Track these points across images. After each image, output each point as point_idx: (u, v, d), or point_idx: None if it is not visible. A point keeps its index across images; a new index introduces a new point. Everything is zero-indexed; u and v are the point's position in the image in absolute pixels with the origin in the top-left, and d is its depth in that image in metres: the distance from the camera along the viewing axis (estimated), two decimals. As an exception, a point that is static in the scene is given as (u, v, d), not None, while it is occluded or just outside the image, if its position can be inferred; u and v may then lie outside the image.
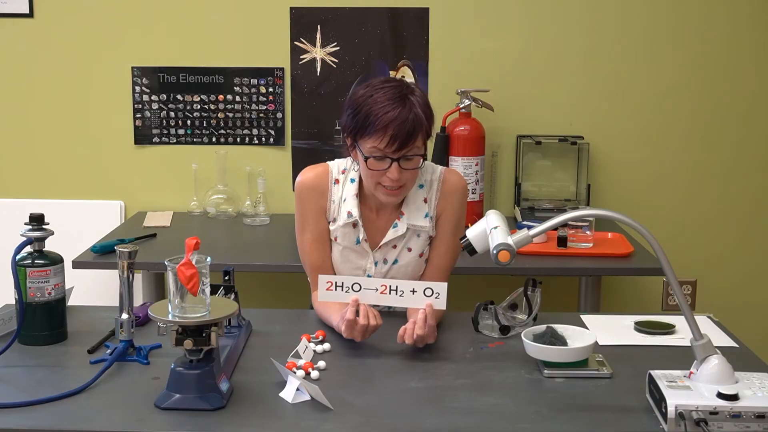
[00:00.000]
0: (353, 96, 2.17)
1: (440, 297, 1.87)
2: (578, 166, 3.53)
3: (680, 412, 1.52)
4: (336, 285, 1.88)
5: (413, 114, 2.09)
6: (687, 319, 1.63)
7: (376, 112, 2.08)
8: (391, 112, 2.07)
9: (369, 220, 2.26)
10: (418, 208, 2.24)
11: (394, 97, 2.10)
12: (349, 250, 2.25)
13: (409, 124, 2.08)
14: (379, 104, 2.09)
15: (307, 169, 2.29)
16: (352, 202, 2.23)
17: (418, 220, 2.24)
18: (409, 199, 2.24)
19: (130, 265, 1.84)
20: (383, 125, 2.07)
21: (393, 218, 2.25)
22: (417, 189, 2.25)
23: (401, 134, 2.07)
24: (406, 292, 1.87)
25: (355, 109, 2.12)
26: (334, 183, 2.26)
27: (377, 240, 2.26)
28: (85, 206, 3.63)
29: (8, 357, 1.87)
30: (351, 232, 2.24)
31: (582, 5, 3.50)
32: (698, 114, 3.56)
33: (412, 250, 2.27)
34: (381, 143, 2.08)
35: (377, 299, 1.87)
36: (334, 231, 2.25)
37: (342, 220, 2.23)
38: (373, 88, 2.13)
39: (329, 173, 2.27)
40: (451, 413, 1.65)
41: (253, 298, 2.81)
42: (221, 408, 1.64)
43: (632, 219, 1.68)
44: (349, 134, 2.17)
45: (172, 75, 3.57)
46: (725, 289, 3.61)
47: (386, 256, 2.26)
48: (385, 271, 2.27)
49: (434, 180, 2.27)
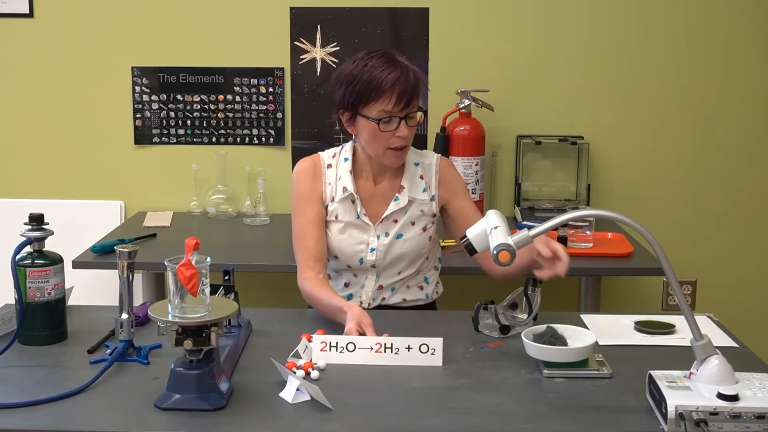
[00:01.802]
0: (343, 72, 2.27)
1: (436, 353, 1.88)
2: (578, 166, 3.53)
3: (680, 413, 1.52)
4: (330, 345, 1.88)
5: (412, 71, 2.24)
6: (687, 319, 1.63)
7: (378, 75, 2.20)
8: (393, 72, 2.20)
9: (368, 195, 2.36)
10: (416, 184, 2.36)
11: (388, 61, 2.23)
12: (351, 225, 2.34)
13: (411, 81, 2.22)
14: (378, 69, 2.21)
15: (302, 160, 2.43)
16: (347, 178, 2.34)
17: (417, 193, 2.36)
18: (407, 174, 2.36)
19: (130, 265, 1.84)
20: (389, 86, 2.19)
21: (393, 193, 2.35)
22: (413, 167, 2.38)
23: (407, 92, 2.20)
24: (402, 349, 1.88)
25: (352, 81, 2.23)
26: (327, 167, 2.38)
27: (379, 214, 2.35)
28: (85, 206, 3.63)
29: (8, 357, 1.87)
30: (350, 207, 2.34)
31: (582, 5, 3.50)
32: (698, 114, 3.56)
33: (415, 224, 2.35)
34: (389, 104, 2.20)
35: (372, 358, 1.88)
36: (334, 210, 2.34)
37: (339, 196, 2.33)
38: (363, 60, 2.25)
39: (321, 159, 2.40)
40: (451, 413, 1.65)
41: (253, 298, 2.81)
42: (221, 408, 1.64)
43: (632, 219, 1.68)
44: (347, 108, 2.26)
45: (172, 75, 3.57)
46: (725, 289, 3.61)
47: (388, 229, 2.35)
48: (388, 244, 2.33)
49: (432, 164, 2.39)
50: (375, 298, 2.38)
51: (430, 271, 2.45)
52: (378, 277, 2.37)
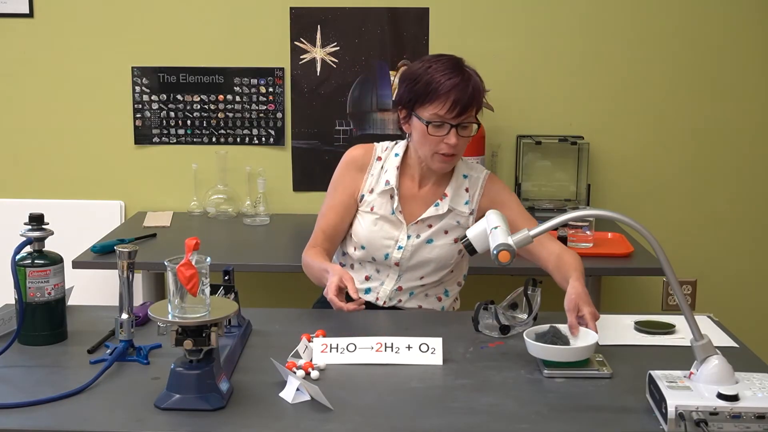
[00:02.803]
0: (409, 70, 2.31)
1: (436, 352, 1.88)
2: (578, 166, 3.53)
3: (680, 413, 1.52)
4: (331, 347, 1.89)
5: (473, 82, 2.25)
6: (687, 319, 1.63)
7: (438, 79, 2.22)
8: (453, 79, 2.22)
9: (409, 194, 2.37)
10: (460, 195, 2.37)
11: (452, 66, 2.25)
12: (385, 220, 2.35)
13: (470, 90, 2.23)
14: (440, 72, 2.23)
15: (357, 146, 2.46)
16: (392, 173, 2.36)
17: (458, 205, 2.36)
18: (452, 183, 2.37)
19: (130, 265, 1.84)
20: (445, 91, 2.20)
21: (434, 198, 2.36)
22: (461, 178, 2.38)
23: (462, 100, 2.21)
24: (402, 348, 1.88)
25: (414, 80, 2.25)
26: (377, 160, 2.40)
27: (415, 215, 2.35)
28: (85, 206, 3.63)
29: (8, 357, 1.87)
30: (388, 202, 2.35)
31: (582, 5, 3.50)
32: (698, 114, 3.56)
33: (449, 233, 2.36)
34: (442, 109, 2.21)
35: (372, 357, 1.88)
36: (371, 201, 2.36)
37: (380, 188, 2.34)
38: (429, 61, 2.27)
39: (374, 150, 2.42)
40: (451, 413, 1.64)
41: (253, 298, 2.82)
42: (221, 408, 1.64)
43: (632, 219, 1.68)
44: (405, 106, 2.29)
45: (172, 75, 3.57)
46: (725, 289, 3.61)
47: (420, 232, 2.35)
48: (416, 246, 2.33)
49: (479, 178, 2.40)
50: (392, 298, 2.37)
51: (452, 285, 2.45)
52: (399, 278, 2.37)
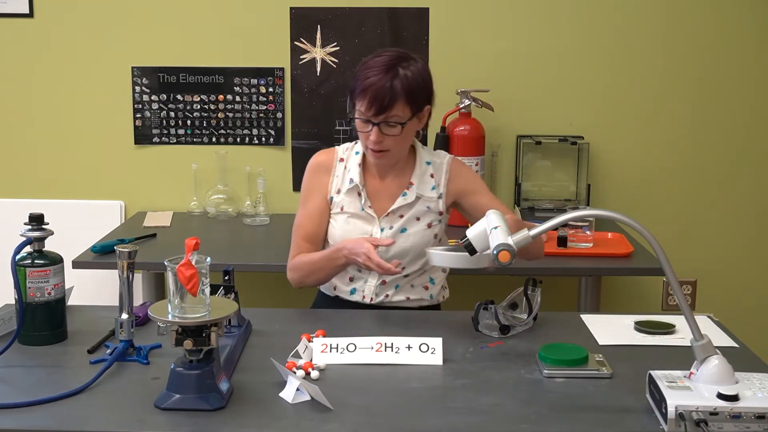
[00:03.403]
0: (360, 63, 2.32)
1: (436, 352, 1.88)
2: (578, 166, 3.53)
3: (680, 413, 1.52)
4: (331, 347, 1.89)
5: (391, 84, 2.20)
6: (687, 319, 1.63)
7: (362, 76, 2.24)
8: (372, 77, 2.21)
9: (375, 189, 2.39)
10: (425, 182, 2.38)
11: (384, 64, 2.23)
12: (356, 217, 2.37)
13: (385, 92, 2.20)
14: (368, 69, 2.24)
15: (319, 152, 2.48)
16: (355, 171, 2.38)
17: (425, 191, 2.37)
18: (417, 171, 2.38)
19: (130, 265, 1.84)
20: (363, 90, 2.22)
21: (400, 189, 2.38)
22: (425, 165, 2.39)
23: (377, 100, 2.20)
24: (402, 348, 1.89)
25: (356, 73, 2.29)
26: (339, 161, 2.42)
27: (385, 208, 2.37)
28: (85, 206, 3.63)
29: (8, 357, 1.87)
30: (356, 199, 2.38)
31: (582, 5, 3.50)
32: (699, 114, 3.56)
33: (420, 220, 2.38)
34: (362, 106, 2.24)
35: (372, 357, 1.88)
36: (340, 201, 2.38)
37: (345, 187, 2.37)
38: (374, 55, 2.28)
39: (336, 153, 2.45)
40: (451, 413, 1.65)
41: (253, 298, 2.82)
42: (221, 408, 1.64)
43: (632, 219, 1.68)
44: (350, 97, 2.32)
45: (172, 75, 3.57)
46: (725, 289, 3.61)
47: (393, 223, 2.37)
48: (391, 237, 2.34)
49: (443, 163, 2.41)
50: (378, 294, 2.38)
51: (437, 273, 2.45)
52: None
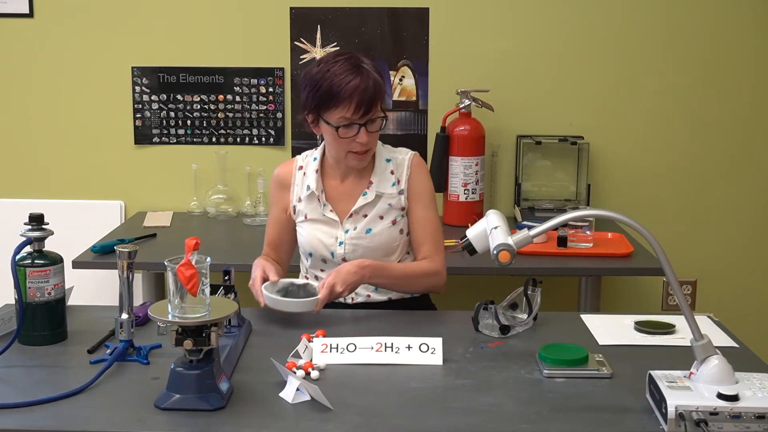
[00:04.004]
0: (308, 74, 2.30)
1: (436, 352, 1.89)
2: (578, 166, 3.53)
3: (680, 413, 1.52)
4: (331, 347, 1.89)
5: (372, 80, 2.25)
6: (687, 319, 1.63)
7: (338, 83, 2.23)
8: (353, 81, 2.22)
9: (336, 193, 2.40)
10: (386, 179, 2.39)
11: (350, 68, 2.25)
12: (320, 222, 2.39)
13: (371, 89, 2.24)
14: (339, 76, 2.23)
15: (280, 164, 2.52)
16: (312, 177, 2.40)
17: (386, 188, 2.38)
18: (377, 169, 2.39)
19: (130, 265, 1.84)
20: (348, 94, 2.22)
21: (361, 188, 2.39)
22: (384, 162, 2.41)
23: (365, 100, 2.23)
24: (402, 348, 1.89)
25: (315, 85, 2.26)
26: (299, 169, 2.45)
27: (347, 209, 2.38)
28: (85, 206, 3.63)
29: (8, 357, 1.87)
30: (317, 205, 2.39)
31: (582, 6, 3.50)
32: (699, 114, 3.56)
33: (384, 218, 2.38)
34: (348, 112, 2.23)
35: (372, 357, 1.88)
36: (303, 209, 2.40)
37: (304, 194, 2.40)
38: (327, 64, 2.27)
39: (295, 163, 2.47)
40: (451, 413, 1.65)
41: (253, 298, 2.81)
42: (221, 408, 1.64)
43: (632, 219, 1.68)
44: (311, 111, 2.31)
45: (172, 75, 3.57)
46: (725, 289, 3.61)
47: (357, 224, 2.38)
48: (356, 238, 2.36)
49: (405, 159, 2.42)
50: (359, 293, 2.38)
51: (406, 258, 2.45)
52: None
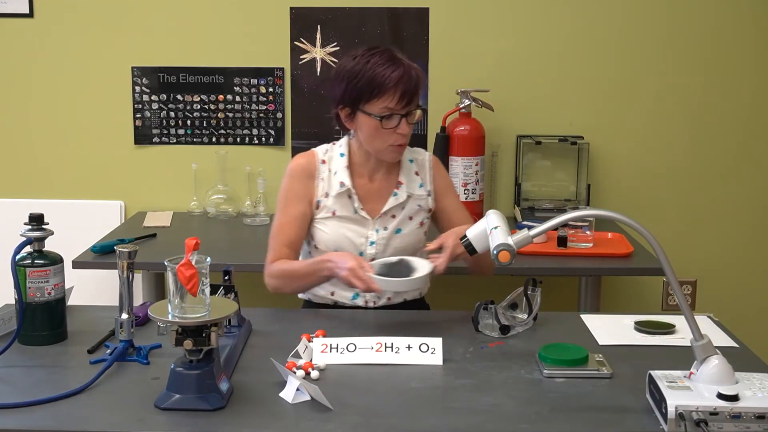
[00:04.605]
0: (343, 68, 2.29)
1: (436, 352, 1.88)
2: (578, 166, 3.53)
3: (680, 413, 1.52)
4: (331, 347, 1.89)
5: (414, 70, 2.26)
6: (687, 319, 1.63)
7: (381, 73, 2.22)
8: (396, 71, 2.22)
9: (364, 192, 2.37)
10: (413, 180, 2.40)
11: (389, 59, 2.25)
12: (349, 220, 2.35)
13: (414, 79, 2.25)
14: (381, 67, 2.23)
15: (297, 156, 2.45)
16: (343, 173, 2.35)
17: (415, 189, 2.40)
18: (403, 170, 2.40)
19: (130, 265, 1.84)
20: (393, 83, 2.21)
21: (390, 187, 2.38)
22: (408, 163, 2.42)
23: (409, 90, 2.23)
24: (402, 348, 1.89)
25: (354, 77, 2.25)
26: (322, 163, 2.39)
27: (377, 209, 2.36)
28: (85, 206, 3.63)
29: (8, 357, 1.87)
30: (347, 202, 2.35)
31: (582, 6, 3.50)
32: (698, 114, 3.56)
33: (413, 219, 2.38)
34: (392, 102, 2.23)
35: (372, 357, 1.88)
36: (331, 206, 2.35)
37: (335, 191, 2.34)
38: (364, 57, 2.27)
39: (316, 155, 2.41)
40: (451, 413, 1.65)
41: (253, 298, 2.81)
42: (221, 408, 1.64)
43: (632, 219, 1.68)
44: (347, 104, 2.28)
45: (172, 75, 3.57)
46: (725, 289, 3.61)
47: (386, 224, 2.37)
48: (387, 238, 2.35)
49: (425, 160, 2.45)
50: (380, 297, 2.37)
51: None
52: None
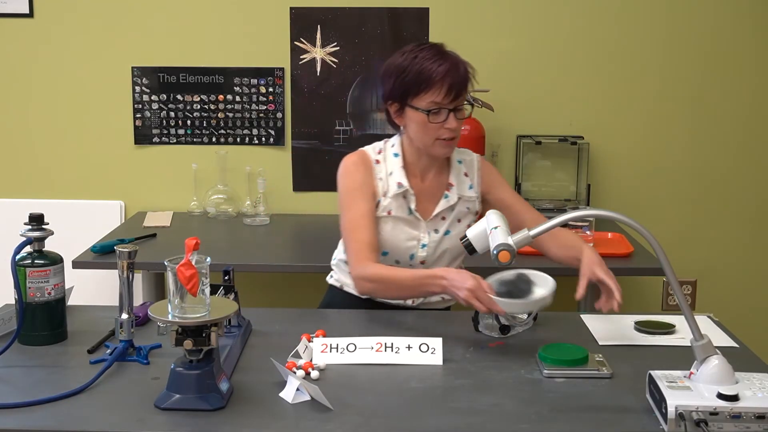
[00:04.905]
0: (392, 64, 2.28)
1: (436, 352, 1.88)
2: (578, 166, 3.53)
3: (680, 413, 1.52)
4: (331, 347, 1.89)
5: (462, 65, 2.24)
6: (687, 319, 1.63)
7: (429, 67, 2.20)
8: (444, 65, 2.21)
9: (417, 190, 2.34)
10: (463, 181, 2.38)
11: (437, 54, 2.23)
12: (403, 221, 2.32)
13: (462, 74, 2.23)
14: (429, 61, 2.21)
15: (348, 156, 2.37)
16: (399, 174, 2.31)
17: (464, 191, 2.37)
18: (453, 171, 2.37)
19: (130, 265, 1.84)
20: (440, 77, 2.19)
21: (441, 190, 2.35)
22: (457, 164, 2.39)
23: (456, 84, 2.21)
24: (402, 348, 1.89)
25: (402, 72, 2.23)
26: (376, 163, 2.35)
27: (428, 210, 2.34)
28: (85, 206, 3.63)
29: (8, 357, 1.87)
30: (403, 203, 2.32)
31: (582, 6, 3.50)
32: (698, 114, 3.56)
33: (462, 221, 2.37)
34: (439, 96, 2.20)
35: (372, 357, 1.88)
36: (387, 205, 2.31)
37: (392, 191, 2.31)
38: (412, 52, 2.25)
39: (369, 155, 2.37)
40: (451, 413, 1.65)
41: (253, 298, 2.82)
42: (221, 408, 1.64)
43: (632, 219, 1.69)
44: (396, 99, 2.27)
45: (172, 75, 3.57)
46: (725, 289, 3.61)
47: (437, 226, 2.35)
48: (438, 240, 2.34)
49: (473, 160, 2.42)
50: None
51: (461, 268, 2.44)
52: None
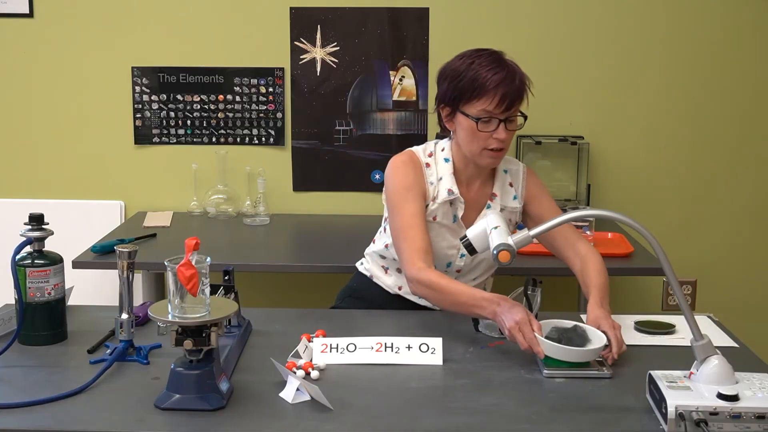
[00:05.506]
0: (449, 67, 2.23)
1: (436, 352, 1.88)
2: (578, 166, 3.53)
3: (680, 413, 1.52)
4: (331, 347, 1.89)
5: (519, 75, 2.17)
6: (687, 319, 1.63)
7: (484, 75, 2.15)
8: (499, 73, 2.14)
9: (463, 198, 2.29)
10: (507, 191, 2.34)
11: (494, 61, 2.17)
12: (446, 228, 2.29)
13: (517, 85, 2.16)
14: (485, 68, 2.15)
15: (399, 153, 2.33)
16: (449, 180, 2.27)
17: (508, 201, 2.33)
18: (498, 181, 2.33)
19: (130, 265, 1.84)
20: (493, 86, 2.13)
21: (484, 199, 2.31)
22: (503, 174, 2.35)
23: (510, 94, 2.14)
24: (402, 348, 1.89)
25: (457, 77, 2.18)
26: (426, 166, 2.30)
27: (470, 219, 2.29)
28: (85, 206, 3.63)
29: (8, 357, 1.87)
30: (449, 210, 2.28)
31: (581, 5, 3.50)
32: (698, 114, 3.56)
33: None
34: (491, 104, 2.15)
35: (372, 357, 1.88)
36: (434, 210, 2.27)
37: (442, 198, 2.26)
38: (470, 57, 2.20)
39: (419, 156, 2.31)
40: (451, 413, 1.65)
41: (253, 298, 2.82)
42: (221, 408, 1.64)
43: (632, 219, 1.68)
44: (448, 103, 2.22)
45: (172, 75, 3.57)
46: (725, 289, 3.61)
47: None
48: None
49: (519, 171, 2.37)
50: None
51: (489, 279, 2.44)
52: None
